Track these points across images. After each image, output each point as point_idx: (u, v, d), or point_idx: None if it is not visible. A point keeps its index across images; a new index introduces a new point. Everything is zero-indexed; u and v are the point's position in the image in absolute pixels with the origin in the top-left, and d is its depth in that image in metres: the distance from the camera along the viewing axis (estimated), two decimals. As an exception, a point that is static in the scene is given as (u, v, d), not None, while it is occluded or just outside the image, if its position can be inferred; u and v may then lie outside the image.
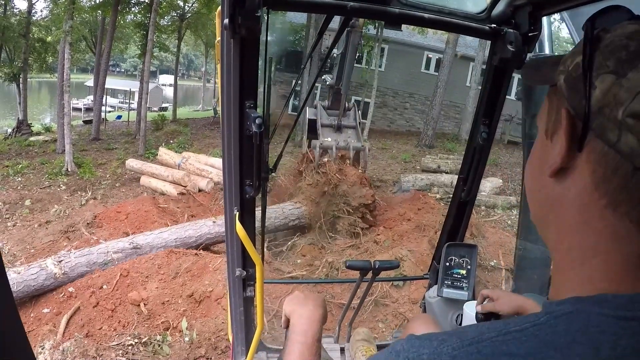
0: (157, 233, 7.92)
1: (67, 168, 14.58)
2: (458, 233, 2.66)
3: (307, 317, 1.35)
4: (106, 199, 12.25)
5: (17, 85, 24.21)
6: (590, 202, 0.61)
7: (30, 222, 10.55)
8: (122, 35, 29.81)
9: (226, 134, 1.83)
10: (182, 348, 5.74)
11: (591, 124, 0.59)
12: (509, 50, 1.88)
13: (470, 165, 2.34)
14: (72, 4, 16.19)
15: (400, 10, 1.79)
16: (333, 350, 3.13)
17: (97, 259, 7.04)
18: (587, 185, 0.61)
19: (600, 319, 0.55)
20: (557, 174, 0.66)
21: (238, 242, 2.02)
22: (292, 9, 1.97)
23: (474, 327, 0.62)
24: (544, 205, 0.71)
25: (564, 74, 0.65)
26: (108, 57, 21.46)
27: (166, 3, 22.28)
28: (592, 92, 0.58)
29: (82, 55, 30.69)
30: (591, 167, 0.60)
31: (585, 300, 0.58)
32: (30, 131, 22.93)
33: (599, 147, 0.59)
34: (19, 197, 12.31)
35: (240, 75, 1.66)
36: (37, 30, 24.93)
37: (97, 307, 6.26)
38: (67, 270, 6.70)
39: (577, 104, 0.61)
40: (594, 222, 0.61)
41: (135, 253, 7.34)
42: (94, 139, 19.79)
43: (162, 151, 14.19)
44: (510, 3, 1.85)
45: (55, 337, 5.77)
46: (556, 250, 0.69)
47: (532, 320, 0.59)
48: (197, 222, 8.51)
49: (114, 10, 20.70)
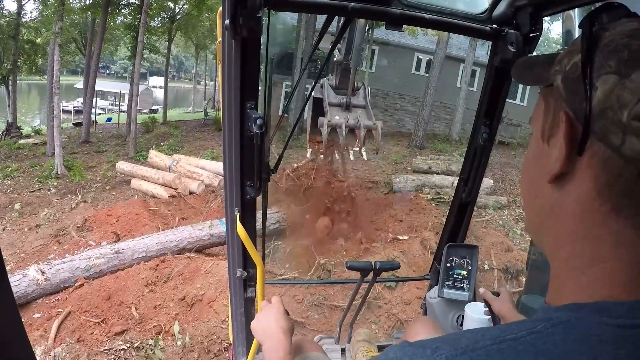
0: (138, 239, 8.00)
1: (57, 171, 14.48)
2: (459, 234, 2.68)
3: (274, 338, 1.45)
4: (97, 202, 12.20)
5: (6, 88, 24.06)
6: (592, 208, 0.59)
7: (20, 225, 10.47)
8: (112, 37, 29.64)
9: (227, 134, 1.83)
10: (175, 352, 5.72)
11: (593, 127, 0.57)
12: (510, 50, 1.90)
13: (471, 166, 2.35)
14: (61, 6, 16.16)
15: (401, 11, 1.80)
16: (334, 351, 3.13)
17: (79, 264, 7.04)
18: (589, 191, 0.59)
19: (600, 327, 0.53)
20: (555, 180, 0.63)
21: (239, 242, 2.02)
22: (293, 10, 2.00)
23: (469, 333, 0.60)
24: (541, 212, 0.69)
25: (561, 74, 0.63)
26: (98, 59, 21.36)
27: (156, 4, 22.21)
28: (593, 93, 0.56)
29: (72, 57, 30.46)
30: (593, 172, 0.58)
31: (584, 307, 0.57)
32: (19, 134, 22.71)
33: (601, 151, 0.57)
34: (8, 200, 12.22)
35: (241, 75, 1.67)
36: (26, 32, 24.78)
37: (88, 313, 6.24)
38: (50, 277, 6.69)
39: (577, 106, 0.59)
40: (596, 229, 0.59)
41: (117, 258, 7.35)
42: (84, 141, 19.64)
43: (153, 154, 14.16)
44: (511, 4, 1.86)
45: (47, 342, 5.74)
46: (554, 258, 0.67)
47: (528, 328, 0.57)
48: (177, 229, 8.60)
49: (104, 12, 20.57)
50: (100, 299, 6.49)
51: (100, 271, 7.12)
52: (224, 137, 1.86)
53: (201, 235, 8.38)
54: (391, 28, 1.89)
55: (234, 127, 1.78)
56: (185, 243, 8.11)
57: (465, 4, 1.98)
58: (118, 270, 7.23)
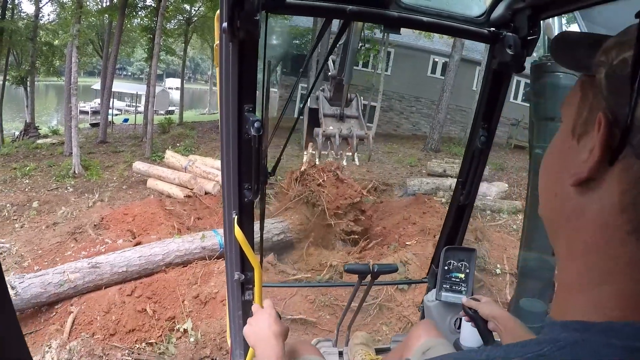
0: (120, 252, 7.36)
1: (75, 170, 14.65)
2: (457, 237, 2.66)
3: (266, 343, 1.45)
4: (113, 201, 12.30)
5: (24, 89, 24.31)
6: (614, 225, 0.53)
7: (38, 223, 10.59)
8: (129, 39, 29.84)
9: (225, 137, 1.82)
10: (188, 348, 5.79)
11: (631, 138, 0.50)
12: (508, 53, 1.89)
13: (469, 169, 2.34)
14: (79, 8, 16.32)
15: (399, 14, 1.80)
16: (332, 354, 3.13)
17: (52, 279, 6.48)
18: (613, 206, 0.53)
19: (608, 349, 0.50)
20: (580, 184, 0.57)
21: (236, 245, 2.01)
22: (291, 13, 1.92)
23: (473, 354, 0.58)
24: (560, 213, 0.63)
25: (606, 67, 0.55)
26: (115, 61, 21.52)
27: (172, 7, 22.36)
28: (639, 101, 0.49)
29: (89, 59, 30.80)
30: (621, 187, 0.52)
31: (591, 327, 0.53)
32: (37, 134, 23.03)
33: (635, 166, 0.51)
34: (26, 198, 12.35)
35: (239, 78, 1.66)
36: (44, 34, 25.15)
37: (105, 310, 6.31)
38: (20, 292, 6.16)
39: (619, 110, 0.52)
40: (614, 246, 0.54)
41: (94, 273, 6.71)
42: (101, 141, 19.83)
43: (169, 154, 14.22)
44: (509, 6, 1.85)
45: (62, 336, 5.81)
46: (565, 267, 0.62)
47: (534, 351, 0.53)
48: (164, 241, 7.88)
49: (121, 14, 20.77)
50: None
51: (75, 287, 6.55)
52: (221, 139, 1.85)
53: (191, 248, 7.68)
54: (389, 31, 1.89)
55: (231, 129, 1.77)
56: (173, 257, 7.46)
57: (463, 7, 1.97)
58: (95, 286, 6.72)
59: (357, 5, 1.74)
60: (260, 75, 1.76)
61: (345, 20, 1.95)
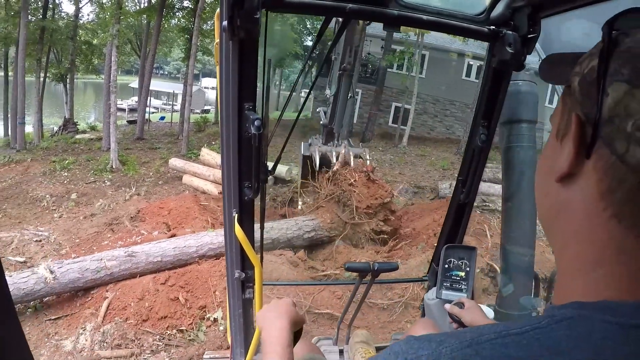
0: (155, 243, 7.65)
1: (112, 165, 14.98)
2: (457, 235, 2.67)
3: (275, 327, 1.36)
4: (149, 195, 12.56)
5: (64, 85, 25.19)
6: (596, 212, 0.59)
7: (76, 214, 10.87)
8: (166, 39, 30.32)
9: (225, 135, 1.84)
10: (217, 336, 5.90)
11: (600, 132, 0.57)
12: (507, 52, 1.90)
13: (469, 168, 2.34)
14: (119, 9, 16.71)
15: (398, 12, 1.81)
16: (332, 352, 3.15)
17: (89, 265, 6.75)
18: (593, 194, 0.59)
19: (603, 325, 0.54)
20: (563, 180, 0.64)
21: (237, 244, 2.03)
22: (291, 11, 1.90)
23: (474, 328, 0.61)
24: (551, 210, 0.69)
25: (579, 76, 0.63)
26: (153, 60, 21.82)
27: (209, 8, 22.59)
28: (605, 99, 0.56)
29: (127, 58, 31.31)
30: (597, 176, 0.58)
31: (587, 306, 0.57)
32: (75, 129, 23.66)
33: (607, 156, 0.57)
34: (65, 190, 12.69)
35: (239, 77, 1.67)
36: (83, 33, 25.86)
37: (139, 297, 6.47)
38: (58, 276, 6.46)
39: (589, 110, 0.59)
40: (599, 233, 0.60)
41: (130, 262, 6.97)
42: (137, 138, 20.23)
43: (204, 151, 14.35)
44: (509, 5, 1.86)
45: (96, 320, 5.98)
46: (561, 257, 0.67)
47: (532, 324, 0.58)
48: (198, 234, 8.13)
49: (159, 15, 21.13)
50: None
51: (111, 274, 6.81)
52: (222, 138, 1.87)
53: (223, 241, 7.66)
54: (389, 29, 1.90)
55: (232, 128, 1.78)
56: (206, 249, 7.68)
57: (463, 5, 1.97)
58: (131, 274, 6.96)
59: (357, 3, 1.74)
60: (260, 75, 1.77)
61: (345, 18, 1.92)
